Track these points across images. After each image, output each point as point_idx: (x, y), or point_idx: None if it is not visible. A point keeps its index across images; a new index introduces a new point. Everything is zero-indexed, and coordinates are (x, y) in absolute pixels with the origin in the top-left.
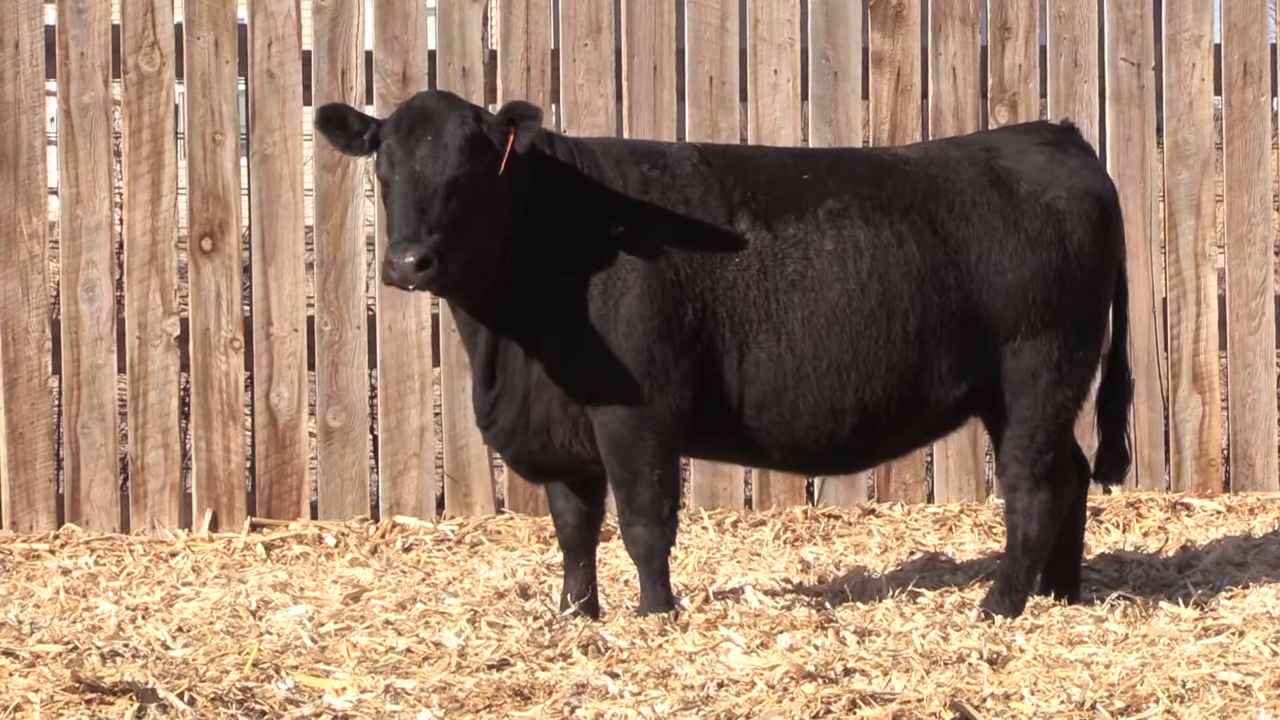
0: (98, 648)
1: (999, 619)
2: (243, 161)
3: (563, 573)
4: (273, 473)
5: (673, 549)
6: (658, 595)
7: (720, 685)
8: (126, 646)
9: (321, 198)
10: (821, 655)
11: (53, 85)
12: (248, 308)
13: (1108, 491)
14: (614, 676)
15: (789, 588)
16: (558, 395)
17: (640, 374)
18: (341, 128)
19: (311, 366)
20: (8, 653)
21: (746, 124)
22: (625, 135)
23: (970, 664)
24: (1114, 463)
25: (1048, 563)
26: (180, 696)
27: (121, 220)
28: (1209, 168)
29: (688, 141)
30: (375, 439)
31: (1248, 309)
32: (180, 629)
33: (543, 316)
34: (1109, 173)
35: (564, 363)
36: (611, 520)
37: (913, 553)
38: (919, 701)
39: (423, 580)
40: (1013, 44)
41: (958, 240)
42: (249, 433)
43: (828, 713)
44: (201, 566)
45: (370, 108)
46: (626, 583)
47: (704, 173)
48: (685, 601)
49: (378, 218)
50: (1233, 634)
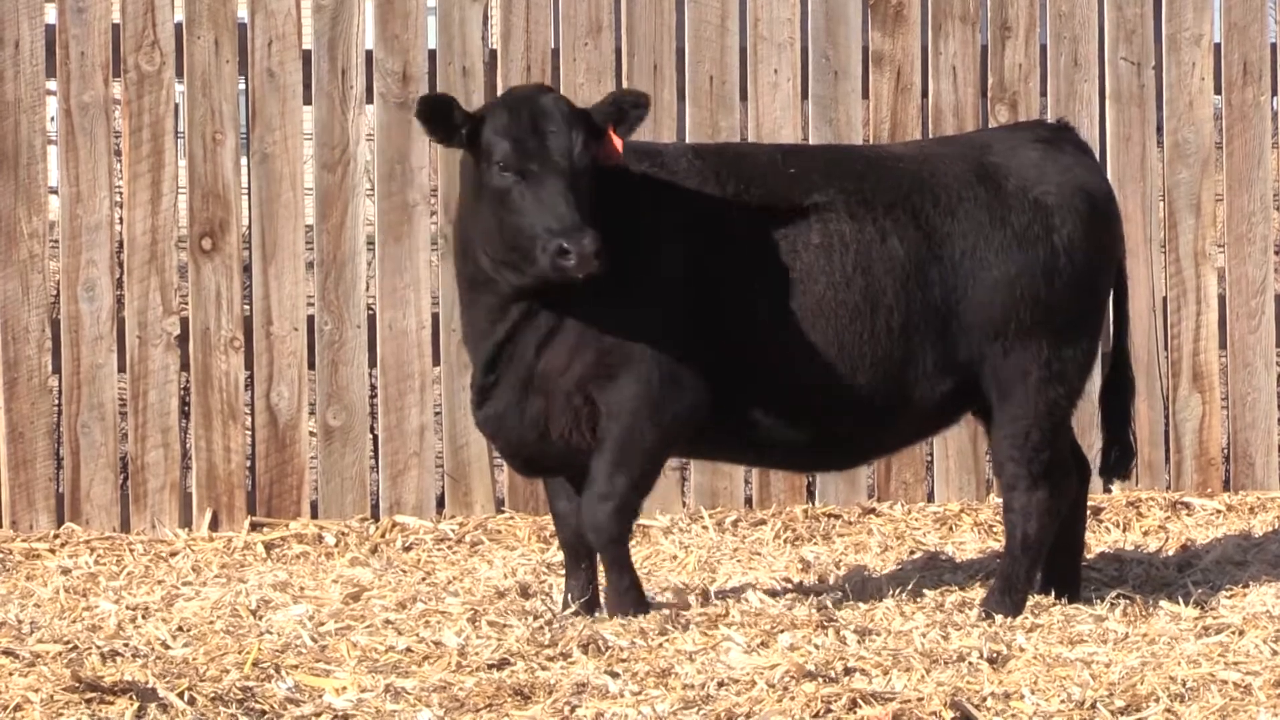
0: (98, 647)
1: (999, 618)
2: (243, 161)
3: (564, 572)
4: (273, 472)
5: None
6: (624, 581)
7: (720, 684)
8: (126, 646)
9: (322, 197)
10: (822, 654)
11: (53, 84)
12: (248, 307)
13: (1108, 490)
14: (614, 676)
15: (789, 587)
16: (565, 384)
17: (654, 364)
18: (446, 119)
19: (312, 366)
20: (8, 652)
21: (747, 123)
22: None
23: (970, 663)
24: (1119, 459)
25: (1048, 561)
26: (180, 696)
27: (121, 219)
28: (1209, 167)
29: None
30: (375, 438)
31: (1248, 308)
32: (180, 628)
33: (567, 305)
34: (1109, 172)
35: (582, 349)
36: None
37: (913, 552)
38: (919, 700)
39: (423, 579)
40: (1013, 43)
41: (942, 235)
42: (249, 432)
43: (828, 712)
44: (201, 566)
45: (370, 107)
46: None
47: (699, 167)
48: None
49: (377, 217)
50: (1233, 633)
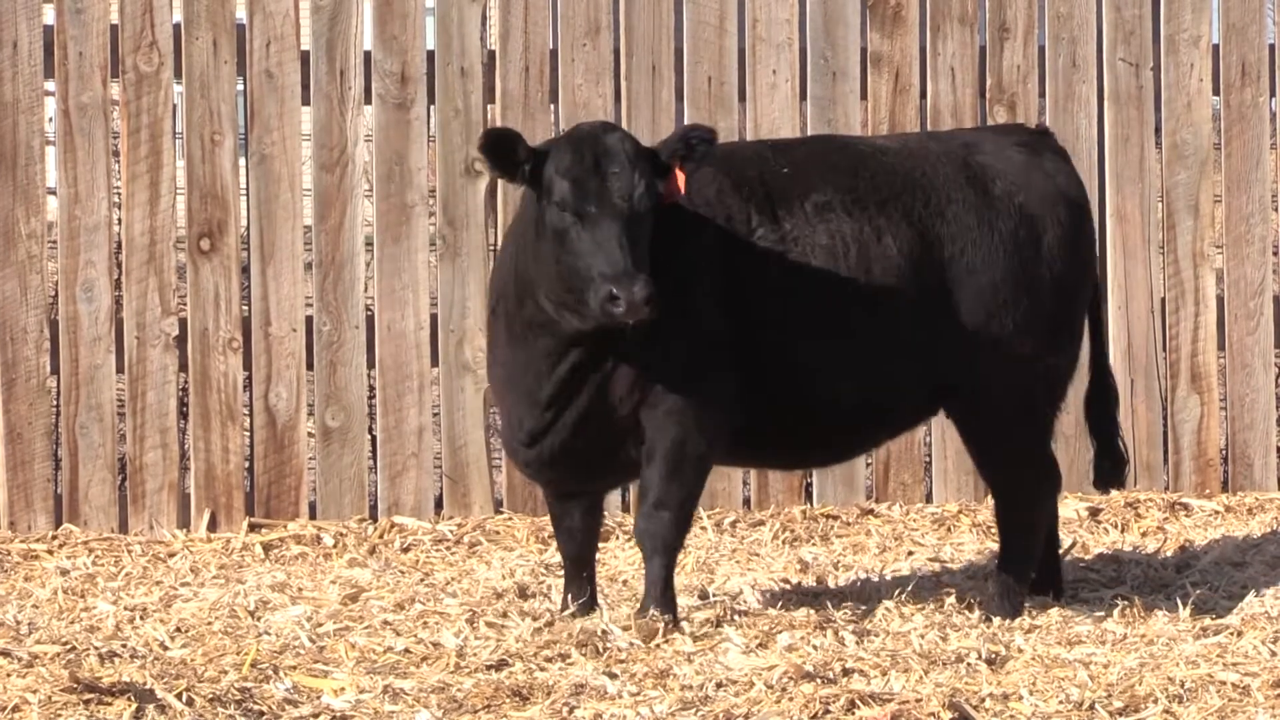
0: (96, 648)
1: (998, 620)
2: (241, 161)
3: (564, 578)
4: (271, 473)
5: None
6: (667, 595)
7: (719, 685)
8: (125, 647)
9: (320, 198)
10: (820, 655)
11: (51, 85)
12: (246, 308)
13: (1106, 491)
14: (612, 677)
15: (787, 588)
16: (621, 412)
17: (703, 380)
18: (510, 153)
19: (310, 366)
20: (6, 653)
21: (745, 124)
22: None
23: (969, 664)
24: (1112, 468)
25: None
26: (178, 697)
27: (120, 220)
28: (1207, 168)
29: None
30: (374, 439)
31: (1246, 309)
32: (178, 629)
33: (626, 340)
34: (1107, 173)
35: (641, 378)
36: (609, 520)
37: (911, 553)
38: (917, 701)
39: (421, 580)
40: (1011, 44)
41: (934, 236)
42: (247, 433)
43: (826, 713)
44: (200, 567)
45: (368, 108)
46: (625, 583)
47: (713, 172)
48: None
49: (376, 218)
50: (1231, 634)
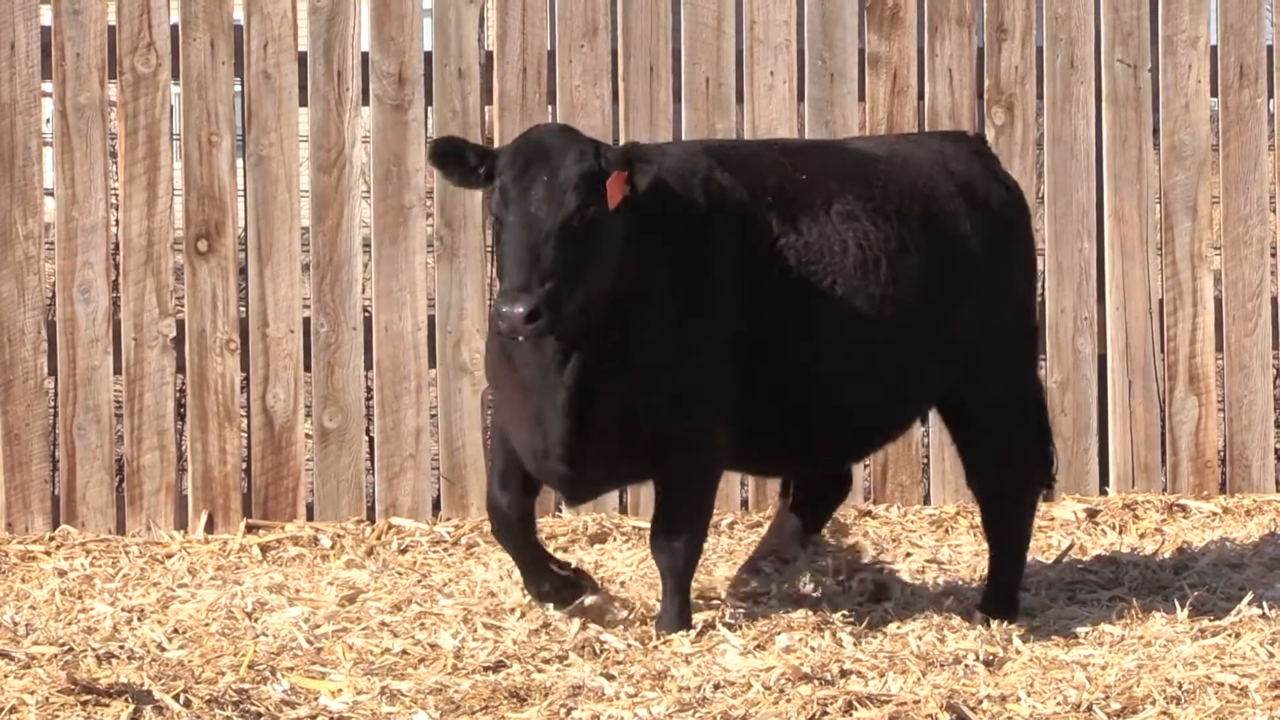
0: (93, 649)
1: (995, 622)
2: (239, 163)
3: (513, 556)
4: (269, 474)
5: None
6: (684, 614)
7: (717, 687)
8: (122, 648)
9: (317, 199)
10: (818, 657)
11: (49, 86)
12: (244, 309)
13: (1104, 492)
14: (610, 678)
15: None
16: (634, 421)
17: (716, 393)
18: (458, 162)
19: (308, 368)
20: (3, 654)
21: (743, 125)
22: (622, 137)
23: (966, 665)
24: (1044, 472)
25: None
26: (176, 698)
27: (117, 221)
28: (1205, 169)
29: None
30: (371, 440)
31: (1244, 310)
32: (176, 630)
33: (635, 339)
34: (1106, 174)
35: (654, 382)
36: (607, 521)
37: (909, 554)
38: (915, 703)
39: (419, 582)
40: (1009, 45)
41: (937, 243)
42: (245, 434)
43: (824, 714)
44: (197, 568)
45: (366, 109)
46: (624, 584)
47: (726, 178)
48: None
49: (373, 219)
50: (1229, 635)
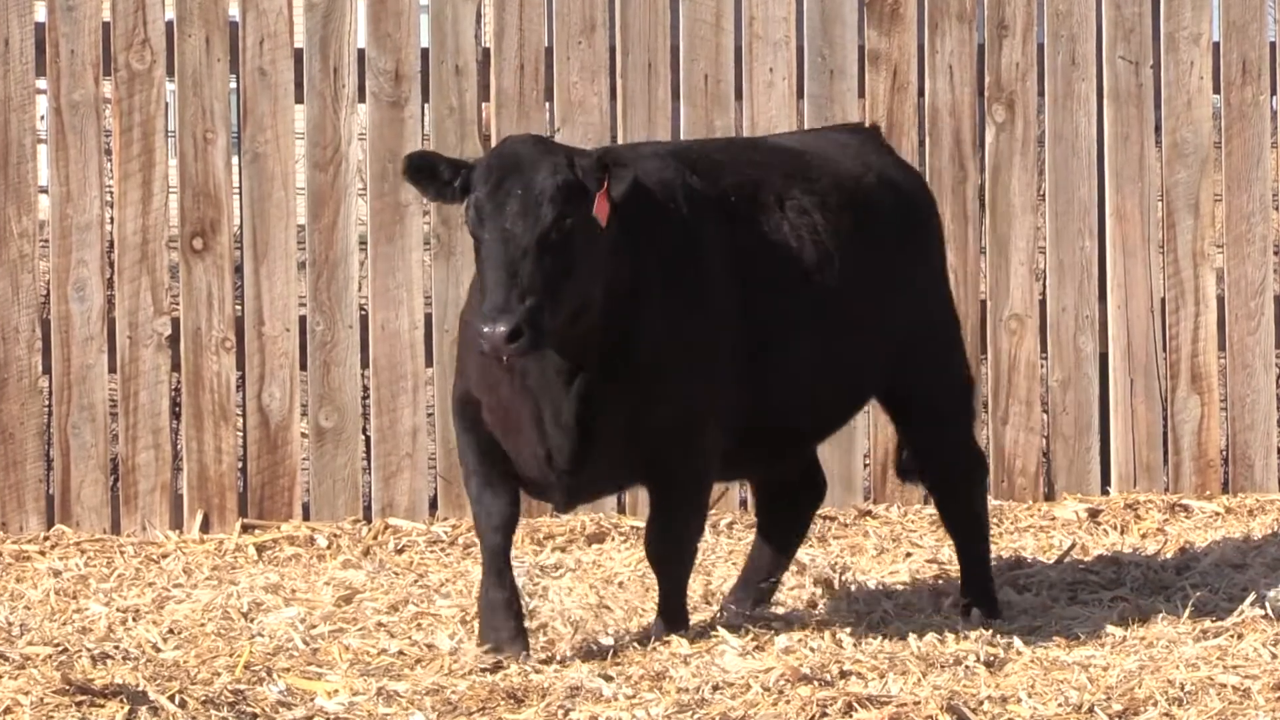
0: (88, 650)
1: (978, 614)
2: (234, 160)
3: (485, 568)
4: (264, 473)
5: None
6: (682, 612)
7: (715, 688)
8: (117, 648)
9: (313, 197)
10: (817, 658)
11: (43, 83)
12: (239, 307)
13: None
14: (608, 679)
15: (785, 589)
16: (636, 430)
17: (713, 398)
18: (432, 177)
19: (304, 366)
20: None
21: (742, 122)
22: (620, 134)
23: (967, 666)
24: (911, 459)
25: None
26: (171, 699)
27: (112, 219)
28: (1207, 167)
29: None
30: (368, 439)
31: (1247, 309)
32: (171, 631)
33: (633, 347)
34: (1107, 172)
35: (657, 388)
36: (605, 521)
37: (909, 554)
38: (915, 704)
39: (415, 582)
40: (1010, 42)
41: (877, 237)
42: (240, 433)
43: (823, 715)
44: (193, 568)
45: (363, 105)
46: (621, 584)
47: (697, 182)
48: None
49: (370, 217)
50: (1231, 636)
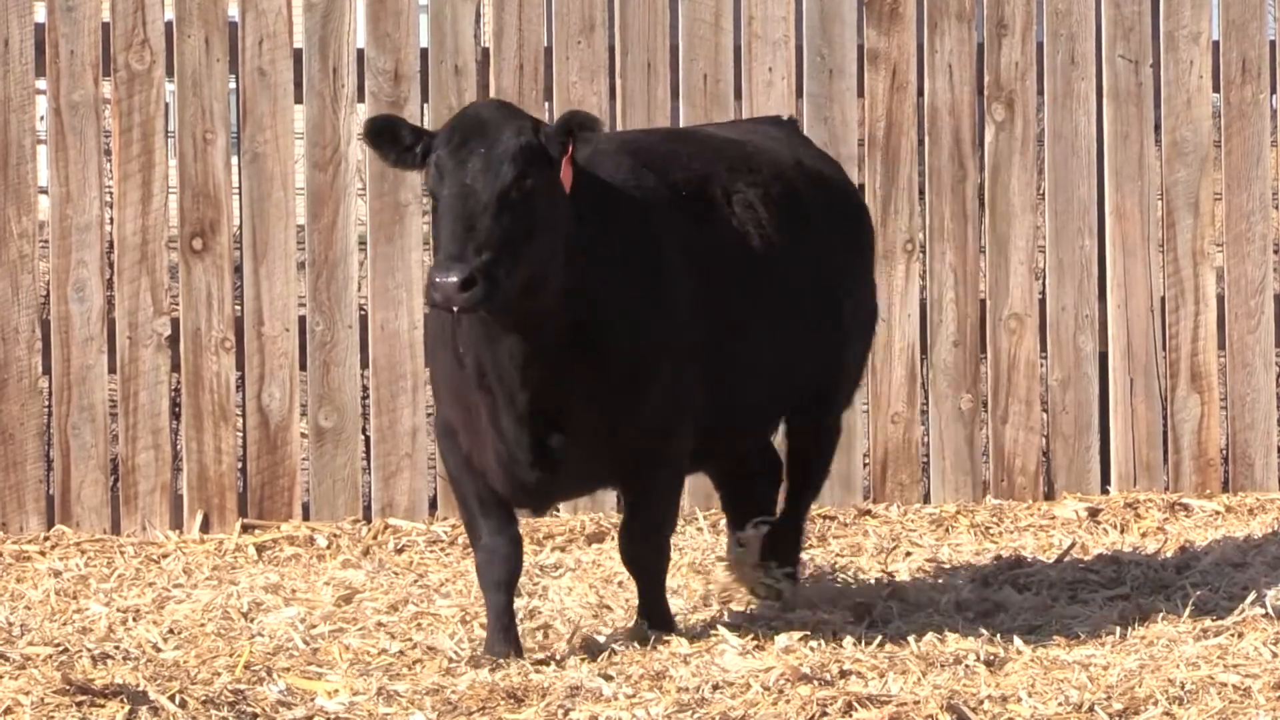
0: (89, 650)
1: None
2: (234, 160)
3: (488, 609)
4: (264, 474)
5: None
6: (665, 615)
7: (715, 687)
8: (117, 648)
9: (313, 197)
10: (817, 657)
11: (42, 83)
12: (239, 307)
13: (1105, 491)
14: (608, 679)
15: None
16: (604, 428)
17: (683, 397)
18: (393, 141)
19: (303, 367)
20: None
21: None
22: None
23: (967, 666)
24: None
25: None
26: (172, 699)
27: (112, 219)
28: (1207, 165)
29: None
30: (367, 440)
31: (1246, 308)
32: (171, 631)
33: (599, 338)
34: (1107, 170)
35: (620, 393)
36: (605, 521)
37: (909, 554)
38: (915, 703)
39: (415, 582)
40: (1009, 41)
41: (816, 234)
42: (240, 433)
43: (823, 715)
44: (193, 568)
45: (362, 105)
46: (621, 584)
47: (650, 177)
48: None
49: (369, 217)
50: (1232, 635)
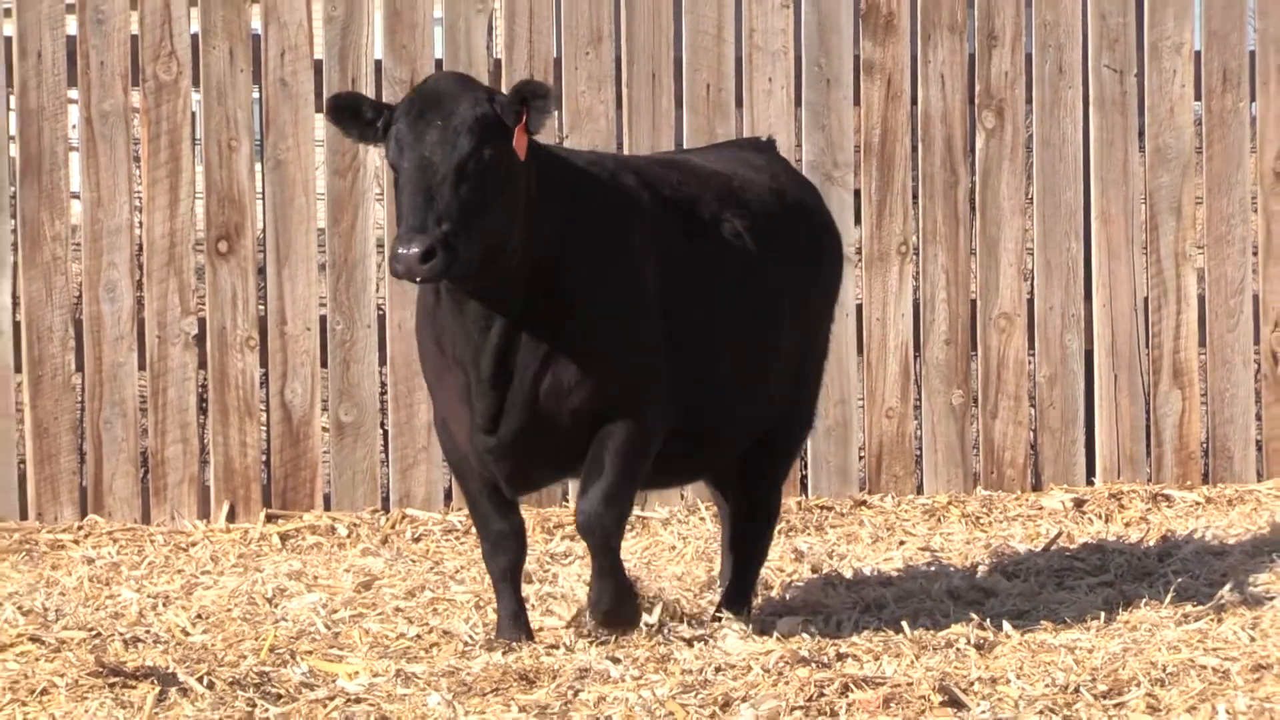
0: (120, 634)
1: (729, 616)
2: (257, 167)
3: (495, 594)
4: (287, 466)
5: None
6: (618, 583)
7: (718, 669)
8: (148, 632)
9: (333, 202)
10: (815, 641)
11: (74, 93)
12: (263, 307)
13: (1091, 483)
14: (615, 661)
15: (784, 576)
16: (571, 403)
17: (649, 373)
18: (355, 117)
19: (324, 364)
20: (34, 639)
21: (742, 129)
22: (626, 141)
23: (958, 649)
24: None
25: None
26: (200, 680)
27: (141, 223)
28: (1189, 171)
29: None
30: (385, 433)
31: (1226, 307)
32: (199, 616)
33: (567, 311)
34: (1093, 177)
35: (587, 367)
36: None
37: (903, 542)
38: (909, 685)
39: (431, 569)
40: (999, 51)
41: (792, 255)
42: (264, 428)
43: (820, 695)
44: (219, 556)
45: None
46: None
47: (632, 179)
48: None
49: (387, 221)
50: (1211, 620)
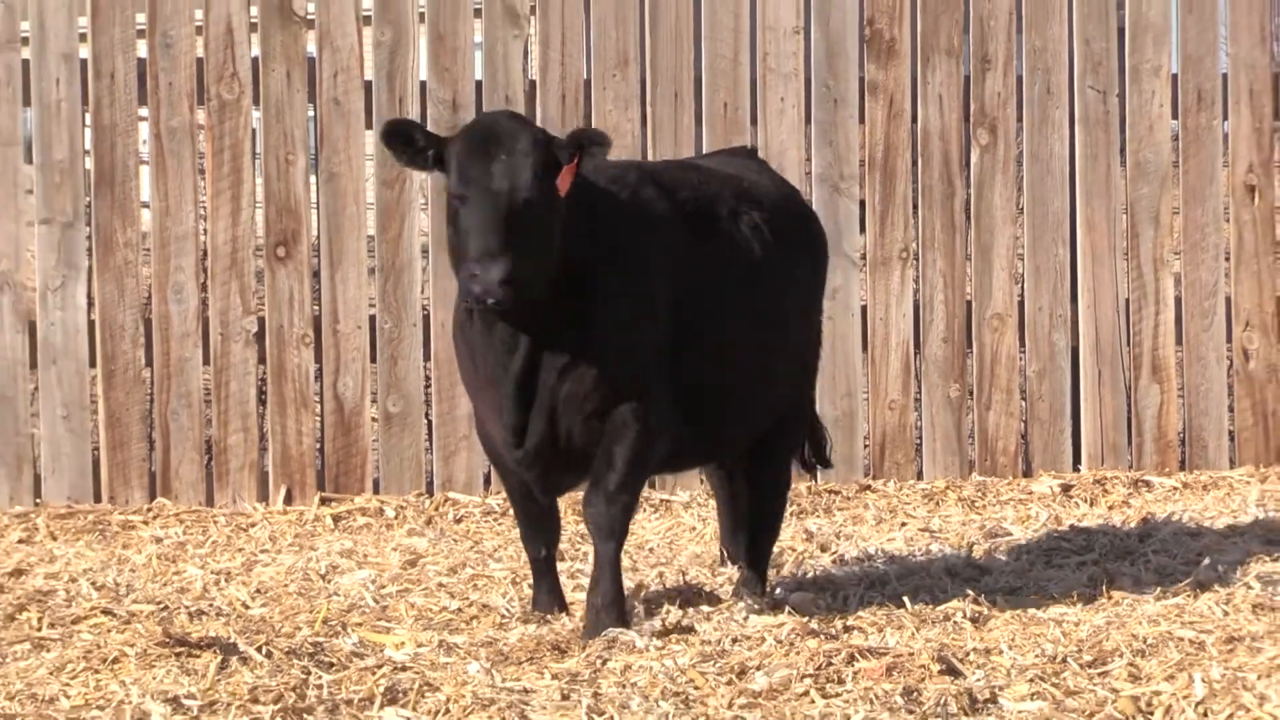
0: (186, 607)
1: (746, 603)
2: (312, 179)
3: (534, 575)
4: (339, 453)
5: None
6: (617, 580)
7: (734, 640)
8: (211, 606)
9: (382, 211)
10: (824, 614)
11: (145, 111)
12: (317, 307)
13: (1077, 469)
14: (640, 633)
15: (795, 554)
16: (587, 408)
17: (658, 376)
18: (407, 143)
19: (373, 359)
20: (107, 611)
21: (756, 145)
22: (650, 155)
23: (955, 622)
24: (816, 453)
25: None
26: (258, 650)
27: (205, 230)
28: (1167, 183)
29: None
30: (430, 423)
31: (1201, 308)
32: (258, 591)
33: (582, 325)
34: (1078, 189)
35: (601, 373)
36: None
37: (904, 524)
38: (910, 655)
39: (472, 548)
40: (992, 74)
41: (794, 257)
42: (318, 418)
43: (829, 664)
44: (277, 536)
45: None
46: (651, 550)
47: (652, 190)
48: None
49: (431, 228)
50: (1188, 596)
